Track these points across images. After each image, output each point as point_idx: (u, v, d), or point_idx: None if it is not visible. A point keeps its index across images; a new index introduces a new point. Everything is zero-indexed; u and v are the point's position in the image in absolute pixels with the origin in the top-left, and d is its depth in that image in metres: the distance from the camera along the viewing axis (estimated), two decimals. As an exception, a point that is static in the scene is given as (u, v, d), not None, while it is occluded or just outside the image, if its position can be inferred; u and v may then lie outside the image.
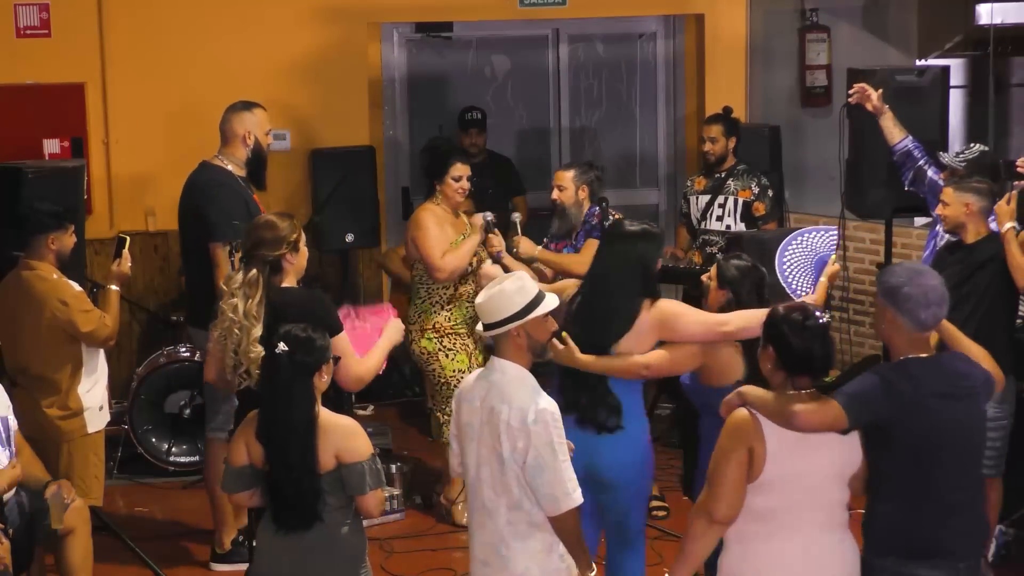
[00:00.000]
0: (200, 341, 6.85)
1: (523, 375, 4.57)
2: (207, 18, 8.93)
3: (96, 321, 6.25)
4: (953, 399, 4.37)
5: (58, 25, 8.74)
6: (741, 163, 8.27)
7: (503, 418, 4.48)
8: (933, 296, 4.39)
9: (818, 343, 4.31)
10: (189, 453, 7.99)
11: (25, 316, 6.26)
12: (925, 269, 4.57)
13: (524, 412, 4.46)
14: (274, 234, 5.27)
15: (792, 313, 4.35)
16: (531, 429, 4.45)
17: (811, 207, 9.07)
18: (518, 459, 4.48)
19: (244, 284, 5.20)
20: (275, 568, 4.75)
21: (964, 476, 4.44)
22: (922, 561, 4.36)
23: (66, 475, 6.22)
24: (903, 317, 4.38)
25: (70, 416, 6.30)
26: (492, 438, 4.53)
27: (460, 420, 4.68)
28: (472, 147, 9.24)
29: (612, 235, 5.66)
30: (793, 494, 4.28)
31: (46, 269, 6.25)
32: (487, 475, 4.57)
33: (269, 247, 5.26)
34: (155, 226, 8.89)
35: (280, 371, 4.60)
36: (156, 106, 8.87)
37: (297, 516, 4.64)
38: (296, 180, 9.08)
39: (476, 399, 4.60)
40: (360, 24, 9.26)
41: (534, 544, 4.56)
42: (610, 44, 10.29)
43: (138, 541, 6.93)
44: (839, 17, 9.05)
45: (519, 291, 4.56)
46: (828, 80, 9.08)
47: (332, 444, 4.62)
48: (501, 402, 4.50)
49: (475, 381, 4.67)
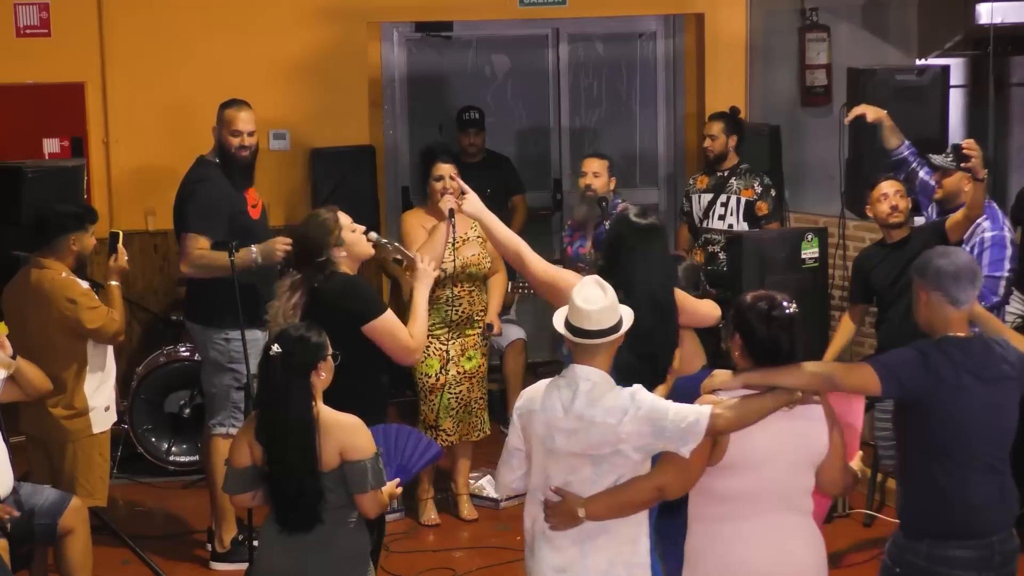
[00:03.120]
0: (197, 336, 6.88)
1: (608, 378, 4.41)
2: (207, 18, 8.93)
3: (104, 317, 6.26)
4: (990, 382, 4.43)
5: (58, 25, 8.75)
6: (744, 162, 8.27)
7: (598, 420, 4.31)
8: (966, 272, 4.47)
9: (784, 333, 4.34)
10: (189, 452, 8.00)
11: (34, 315, 6.27)
12: (955, 250, 4.65)
13: (623, 407, 4.32)
14: (309, 243, 5.39)
15: (759, 302, 4.38)
16: (635, 414, 4.29)
17: (811, 207, 9.07)
18: (630, 449, 4.32)
19: (288, 288, 5.35)
20: (276, 568, 4.75)
21: (996, 457, 4.49)
22: (956, 541, 4.41)
23: (71, 476, 6.24)
24: (938, 293, 4.43)
25: (75, 416, 6.30)
26: (584, 445, 4.35)
27: (536, 433, 4.44)
28: (471, 147, 9.25)
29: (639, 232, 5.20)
30: (756, 478, 4.33)
31: (56, 268, 6.26)
32: (577, 484, 4.38)
33: (313, 253, 5.37)
34: (155, 226, 8.89)
35: (276, 372, 4.61)
36: (156, 106, 8.87)
37: (298, 516, 4.64)
38: (296, 180, 9.08)
39: (557, 410, 4.39)
40: (360, 24, 9.25)
41: (617, 541, 4.43)
42: (610, 44, 10.29)
43: (138, 541, 6.93)
44: (839, 17, 9.04)
45: (616, 299, 4.46)
46: (828, 80, 9.08)
47: (335, 442, 4.62)
48: (592, 407, 4.33)
49: (549, 392, 4.45)
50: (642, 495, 4.38)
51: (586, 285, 4.46)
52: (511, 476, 4.58)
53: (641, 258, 5.03)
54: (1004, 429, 4.52)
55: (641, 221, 5.12)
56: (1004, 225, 6.63)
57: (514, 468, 4.56)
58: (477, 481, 7.62)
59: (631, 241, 5.07)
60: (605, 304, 4.38)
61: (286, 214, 9.06)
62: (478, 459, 7.73)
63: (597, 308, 4.37)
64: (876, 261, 6.90)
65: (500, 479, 4.65)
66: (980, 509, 4.42)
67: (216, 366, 6.72)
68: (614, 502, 4.37)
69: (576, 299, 4.40)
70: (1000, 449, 4.51)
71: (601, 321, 4.37)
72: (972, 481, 4.42)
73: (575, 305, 4.39)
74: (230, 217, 6.51)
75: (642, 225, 5.11)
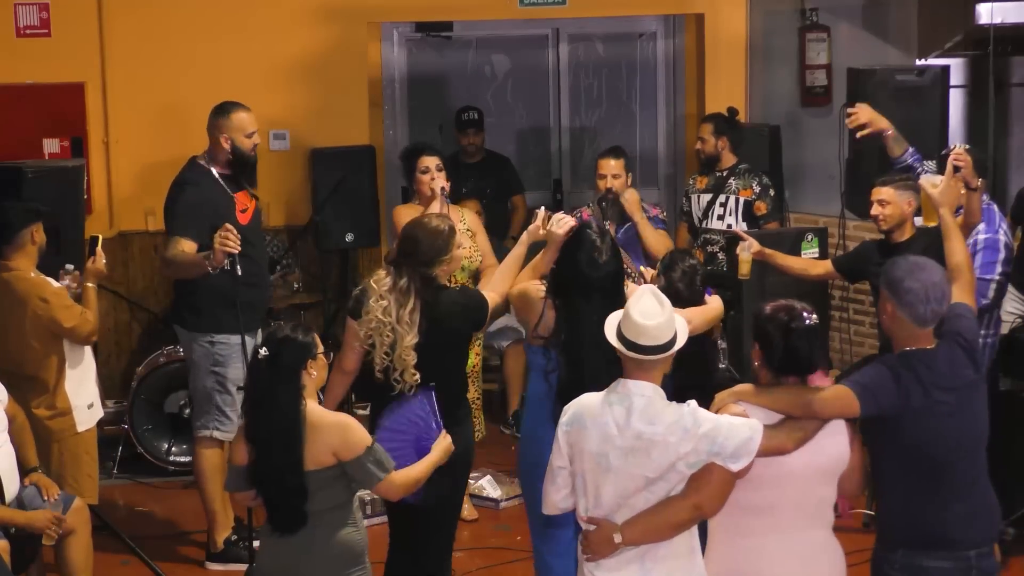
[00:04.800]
0: (182, 339, 6.87)
1: (661, 392, 4.27)
2: (207, 18, 8.92)
3: (78, 317, 6.23)
4: (955, 390, 4.40)
5: (58, 25, 8.74)
6: (743, 162, 8.27)
7: (658, 438, 4.18)
8: (934, 293, 4.41)
9: (803, 344, 4.32)
10: (189, 453, 7.97)
11: (8, 317, 6.24)
12: (929, 264, 4.56)
13: (682, 424, 4.18)
14: (429, 247, 5.28)
15: (778, 313, 4.35)
16: (695, 431, 4.16)
17: (811, 207, 9.07)
18: (684, 465, 4.19)
19: (395, 290, 5.23)
20: (272, 568, 4.77)
21: (969, 465, 4.47)
22: (931, 552, 4.39)
23: (59, 475, 6.21)
24: (903, 311, 4.40)
25: (58, 415, 6.29)
26: (641, 464, 4.20)
27: (587, 452, 4.28)
28: (470, 147, 9.25)
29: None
30: (780, 492, 4.30)
31: (25, 269, 6.24)
32: (630, 503, 4.25)
33: (423, 261, 5.27)
34: (155, 226, 8.85)
35: (263, 373, 4.62)
36: (156, 106, 8.86)
37: (284, 516, 4.65)
38: (296, 180, 9.08)
39: (611, 427, 4.23)
40: (360, 24, 9.25)
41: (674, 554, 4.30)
42: (610, 44, 10.29)
43: (138, 541, 6.93)
44: (839, 17, 9.04)
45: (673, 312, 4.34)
46: (828, 80, 9.07)
47: (326, 442, 4.62)
48: (651, 425, 4.19)
49: (603, 407, 4.28)
50: (679, 515, 4.23)
51: (643, 297, 4.31)
52: (557, 496, 4.42)
53: (594, 311, 4.97)
54: (977, 438, 4.50)
55: (598, 274, 5.15)
56: (1000, 228, 6.59)
57: (560, 487, 4.40)
58: (477, 481, 7.61)
59: (579, 292, 5.14)
60: (663, 319, 4.24)
61: (286, 215, 9.07)
62: (478, 459, 7.71)
63: (655, 323, 4.23)
64: (878, 259, 6.81)
65: (547, 499, 4.46)
66: (954, 522, 4.39)
67: (199, 369, 6.72)
68: (650, 525, 4.23)
69: (633, 312, 4.24)
70: (974, 463, 4.48)
71: (659, 336, 4.23)
72: (945, 495, 4.39)
73: (632, 319, 4.23)
74: (214, 220, 6.47)
75: (599, 277, 5.15)
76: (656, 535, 4.24)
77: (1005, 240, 6.58)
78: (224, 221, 6.43)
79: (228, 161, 6.71)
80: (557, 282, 5.26)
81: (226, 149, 6.69)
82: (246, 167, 6.76)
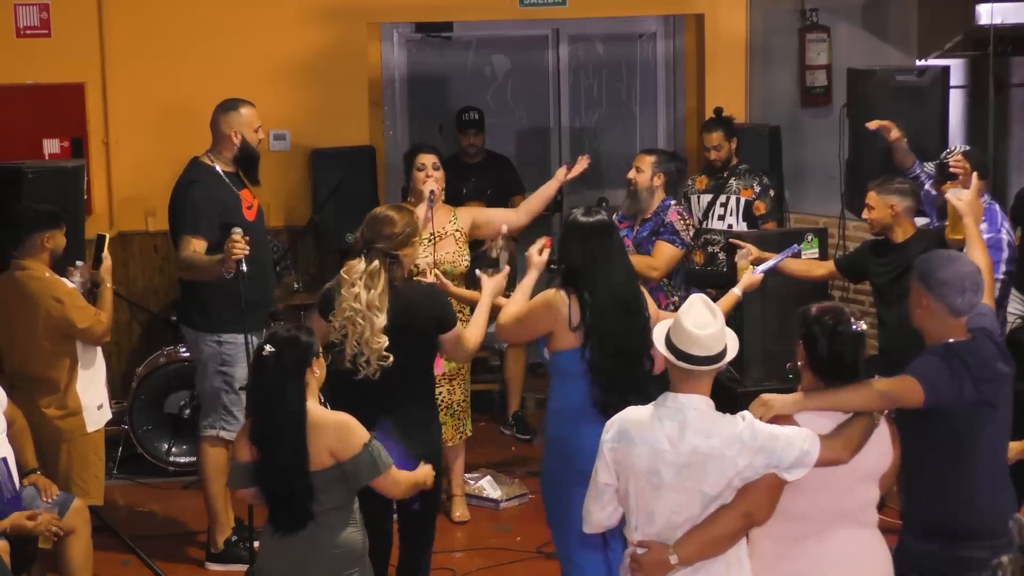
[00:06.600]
0: (189, 338, 6.88)
1: (711, 403, 4.20)
2: (207, 18, 8.93)
3: (91, 317, 6.25)
4: (995, 382, 4.44)
5: (58, 25, 8.74)
6: (743, 162, 8.27)
7: (716, 453, 4.09)
8: (969, 282, 4.46)
9: (848, 349, 4.27)
10: (189, 453, 7.98)
11: (20, 316, 6.25)
12: (959, 256, 4.64)
13: (738, 436, 4.10)
14: (391, 230, 5.34)
15: (825, 315, 4.30)
16: (752, 444, 4.09)
17: (811, 207, 9.08)
18: (745, 478, 4.12)
19: (365, 274, 5.24)
20: (273, 568, 4.77)
21: (1002, 457, 4.53)
22: (967, 542, 4.40)
23: (66, 475, 6.22)
24: (939, 302, 4.43)
25: (68, 415, 6.29)
26: (698, 480, 4.11)
27: (637, 469, 4.17)
28: (470, 147, 9.25)
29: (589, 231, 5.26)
30: (827, 496, 4.25)
31: (38, 268, 6.25)
32: (684, 522, 4.15)
33: (388, 241, 5.32)
34: (155, 226, 8.88)
35: (269, 372, 4.63)
36: (156, 106, 8.87)
37: (290, 516, 4.66)
38: (296, 180, 9.08)
39: (663, 443, 4.14)
40: (360, 24, 9.25)
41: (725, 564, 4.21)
42: (610, 44, 10.29)
43: (138, 541, 6.93)
44: (839, 17, 9.04)
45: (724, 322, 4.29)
46: (828, 80, 9.08)
47: (324, 442, 4.63)
48: (708, 439, 4.10)
49: (653, 422, 4.18)
50: (731, 525, 4.14)
51: (694, 307, 4.24)
52: (602, 514, 4.32)
53: (596, 257, 5.12)
54: (1005, 429, 4.55)
55: (589, 220, 5.21)
56: (1002, 227, 6.61)
57: (605, 505, 4.30)
58: (477, 482, 7.60)
59: (583, 241, 5.17)
60: (716, 329, 4.17)
61: (286, 215, 9.07)
62: (478, 459, 7.73)
63: (707, 334, 4.16)
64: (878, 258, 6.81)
65: (590, 517, 4.35)
66: (992, 512, 4.40)
67: (207, 368, 6.72)
68: (704, 540, 4.13)
69: (686, 322, 4.17)
70: (1002, 449, 4.54)
71: (712, 347, 4.16)
72: (985, 486, 4.43)
73: (684, 329, 4.16)
74: (223, 217, 6.49)
75: (591, 223, 5.20)
76: (713, 549, 4.15)
77: (1008, 239, 6.59)
78: (231, 218, 6.45)
79: (235, 157, 6.71)
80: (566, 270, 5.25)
81: (235, 144, 6.69)
82: (252, 163, 6.77)
